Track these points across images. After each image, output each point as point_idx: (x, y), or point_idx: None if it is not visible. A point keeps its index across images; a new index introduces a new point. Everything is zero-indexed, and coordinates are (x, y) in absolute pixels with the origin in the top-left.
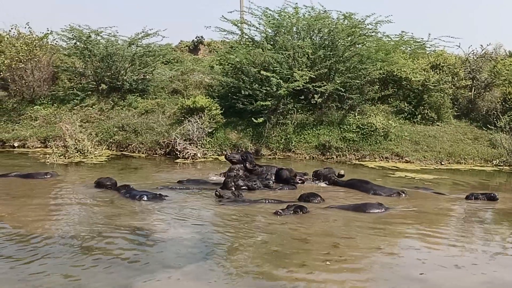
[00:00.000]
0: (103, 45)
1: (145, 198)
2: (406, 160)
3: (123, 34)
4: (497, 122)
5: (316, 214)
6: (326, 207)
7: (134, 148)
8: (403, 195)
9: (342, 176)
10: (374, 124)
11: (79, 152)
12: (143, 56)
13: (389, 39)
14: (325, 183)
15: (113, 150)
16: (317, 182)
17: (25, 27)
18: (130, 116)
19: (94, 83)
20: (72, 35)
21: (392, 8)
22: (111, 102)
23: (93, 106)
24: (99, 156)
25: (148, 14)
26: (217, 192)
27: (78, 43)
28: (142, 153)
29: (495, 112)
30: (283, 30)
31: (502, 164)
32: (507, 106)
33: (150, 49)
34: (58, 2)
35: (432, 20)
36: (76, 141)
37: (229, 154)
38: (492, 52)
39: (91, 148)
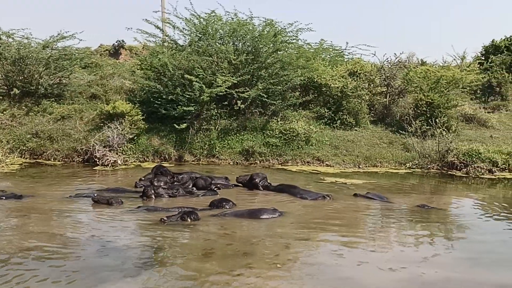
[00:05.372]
0: (15, 48)
1: (4, 198)
2: (326, 164)
3: (37, 36)
4: (410, 127)
5: (210, 220)
6: (220, 213)
7: (49, 155)
8: (328, 198)
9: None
10: (296, 130)
11: None
12: (58, 60)
13: (310, 47)
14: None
15: (26, 158)
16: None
17: None
18: (44, 122)
19: (5, 87)
20: None
21: (313, 17)
22: (24, 108)
23: (4, 112)
24: (11, 164)
25: (66, 17)
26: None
27: None
28: (58, 161)
29: (408, 118)
30: (207, 35)
31: (414, 166)
32: (419, 111)
33: (66, 53)
34: None
35: (350, 30)
36: None
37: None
38: (406, 60)
39: (1, 156)
